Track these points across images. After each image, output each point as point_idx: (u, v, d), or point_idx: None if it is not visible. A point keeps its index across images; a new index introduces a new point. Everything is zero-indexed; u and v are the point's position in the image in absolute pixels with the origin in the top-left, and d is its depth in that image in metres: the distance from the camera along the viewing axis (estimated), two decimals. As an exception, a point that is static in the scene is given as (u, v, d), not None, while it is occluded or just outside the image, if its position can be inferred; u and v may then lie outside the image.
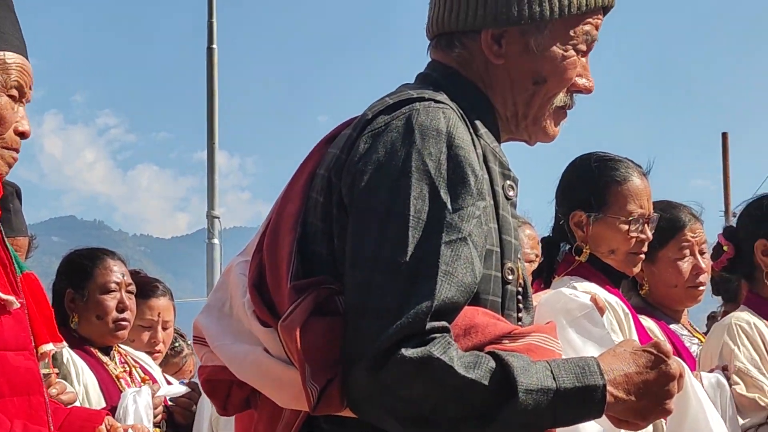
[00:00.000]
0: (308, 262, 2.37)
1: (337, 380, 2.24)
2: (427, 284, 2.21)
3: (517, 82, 2.57)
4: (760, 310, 4.35)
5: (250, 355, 2.36)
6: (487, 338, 2.32)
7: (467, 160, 2.32)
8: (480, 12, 2.51)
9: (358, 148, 2.36)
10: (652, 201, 4.52)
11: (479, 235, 2.32)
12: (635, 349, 2.39)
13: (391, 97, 2.45)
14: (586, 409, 2.29)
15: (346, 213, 2.34)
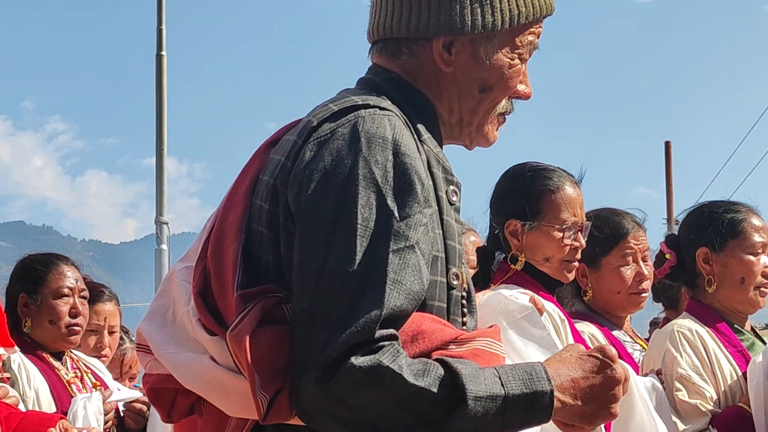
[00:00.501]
0: (254, 269, 2.35)
1: (286, 389, 2.22)
2: (375, 293, 2.19)
3: (464, 90, 2.56)
4: (702, 317, 4.37)
5: (197, 364, 2.34)
6: (434, 344, 2.31)
7: (413, 168, 2.31)
8: (433, 20, 2.50)
9: (304, 155, 2.33)
10: (597, 209, 4.55)
11: (426, 242, 2.31)
12: (581, 354, 2.40)
13: (335, 103, 2.42)
14: (534, 415, 2.28)
15: (293, 221, 2.31)
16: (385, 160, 2.29)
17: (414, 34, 2.53)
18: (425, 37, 2.52)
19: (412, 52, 2.55)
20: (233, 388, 2.27)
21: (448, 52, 2.53)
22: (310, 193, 2.28)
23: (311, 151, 2.33)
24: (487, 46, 2.54)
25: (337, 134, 2.33)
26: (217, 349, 2.30)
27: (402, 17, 2.52)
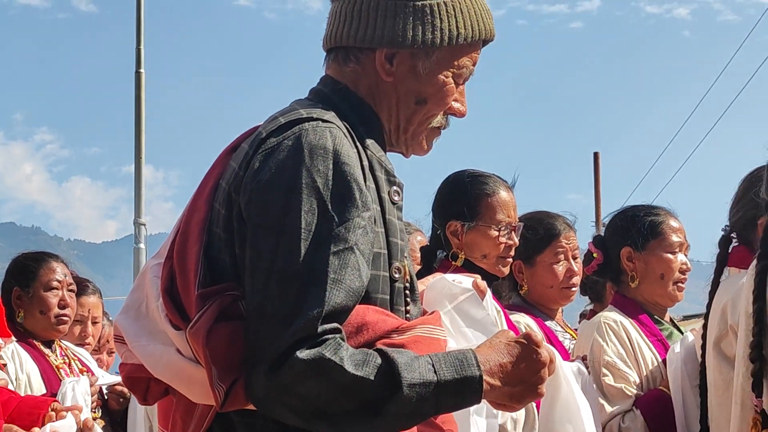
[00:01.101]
0: (214, 269, 2.34)
1: (242, 379, 2.23)
2: (317, 291, 2.20)
3: (402, 100, 2.55)
4: (626, 309, 4.38)
5: (165, 355, 2.34)
6: (377, 334, 2.32)
7: (352, 176, 2.31)
8: (378, 32, 2.48)
9: (254, 166, 2.33)
10: (532, 212, 4.56)
11: (365, 243, 2.31)
12: (509, 339, 2.39)
13: (284, 116, 2.42)
14: (465, 398, 2.30)
15: (245, 226, 2.31)
16: (326, 169, 2.29)
17: (361, 43, 2.51)
18: (370, 47, 2.51)
19: (359, 60, 2.54)
20: (196, 378, 2.28)
21: (390, 63, 2.51)
22: (258, 201, 2.28)
23: (259, 161, 2.33)
24: (426, 62, 2.52)
25: (283, 146, 2.33)
26: (182, 343, 2.30)
27: (352, 27, 2.51)
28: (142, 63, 18.66)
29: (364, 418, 2.21)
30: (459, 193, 4.10)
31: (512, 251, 4.11)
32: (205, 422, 2.35)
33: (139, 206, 18.22)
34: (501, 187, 4.12)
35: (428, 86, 2.54)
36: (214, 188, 2.43)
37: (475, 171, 4.18)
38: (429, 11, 2.49)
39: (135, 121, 18.47)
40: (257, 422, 2.32)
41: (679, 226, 4.46)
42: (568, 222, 4.59)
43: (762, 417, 3.31)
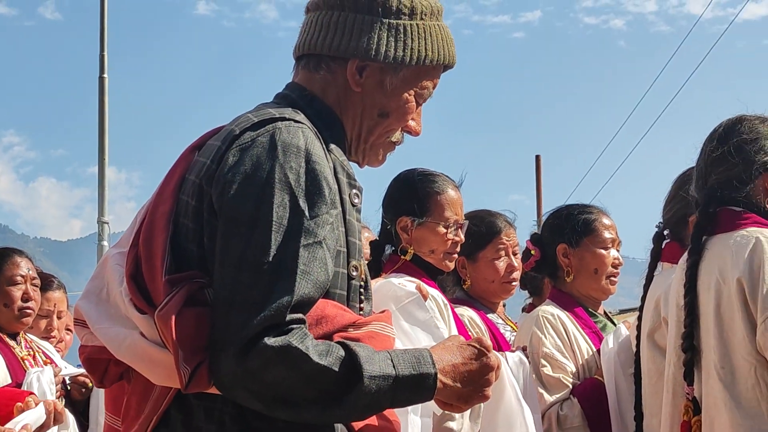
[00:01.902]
0: (180, 257, 2.31)
1: (206, 363, 2.20)
2: (287, 282, 2.19)
3: (367, 110, 2.55)
4: (562, 303, 4.40)
5: (128, 338, 2.31)
6: (335, 327, 2.32)
7: (322, 174, 2.30)
8: (352, 44, 2.49)
9: (228, 160, 2.31)
10: (475, 210, 4.57)
11: (332, 238, 2.31)
12: (462, 343, 2.42)
13: (255, 114, 2.41)
14: (420, 394, 2.31)
15: (216, 217, 2.29)
16: (298, 167, 2.28)
17: (334, 52, 2.51)
18: (343, 57, 2.51)
19: (330, 69, 2.53)
20: (159, 361, 2.25)
21: (360, 75, 2.51)
22: (232, 193, 2.26)
23: (234, 156, 2.31)
24: (393, 77, 2.53)
25: (257, 142, 2.31)
26: (146, 326, 2.28)
27: (327, 37, 2.51)
28: (105, 68, 18.60)
29: (324, 406, 2.20)
30: (410, 190, 4.09)
31: (458, 247, 4.10)
32: (163, 404, 2.33)
33: (102, 206, 18.22)
34: (449, 186, 4.11)
35: (392, 101, 2.55)
36: (179, 181, 2.40)
37: (425, 170, 4.18)
38: (402, 30, 2.52)
39: (99, 124, 18.38)
40: (216, 406, 2.30)
41: (611, 224, 4.49)
42: (508, 220, 4.60)
43: (693, 404, 3.34)
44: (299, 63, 2.61)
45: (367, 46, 2.49)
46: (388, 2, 2.52)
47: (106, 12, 18.95)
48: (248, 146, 2.32)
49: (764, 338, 3.15)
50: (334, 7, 2.53)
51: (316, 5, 2.58)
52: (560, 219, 4.51)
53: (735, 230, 3.35)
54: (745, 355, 3.19)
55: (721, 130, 3.53)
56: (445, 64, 2.63)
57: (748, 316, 3.21)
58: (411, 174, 4.16)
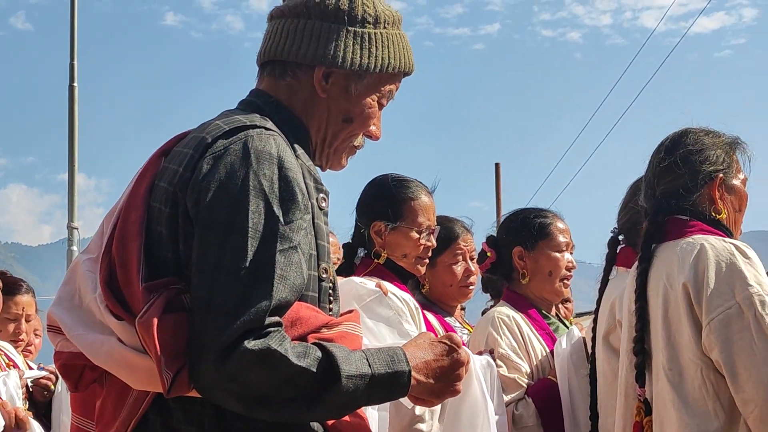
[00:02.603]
0: (154, 263, 2.31)
1: (186, 368, 2.20)
2: (265, 286, 2.20)
3: (332, 116, 2.57)
4: (517, 304, 4.40)
5: (105, 344, 2.31)
6: (309, 328, 2.33)
7: (295, 180, 2.32)
8: (319, 51, 2.51)
9: (202, 168, 2.31)
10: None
11: (306, 243, 2.34)
12: (432, 340, 2.45)
13: (224, 122, 2.41)
14: (395, 391, 2.34)
15: (191, 224, 2.29)
16: (271, 174, 2.29)
17: (301, 59, 2.53)
18: (310, 64, 2.53)
19: (296, 75, 2.55)
20: (139, 365, 2.25)
21: (326, 81, 2.54)
22: (207, 201, 2.26)
23: (208, 164, 2.31)
24: (358, 84, 2.56)
25: (230, 150, 2.31)
26: (124, 332, 2.28)
27: (293, 44, 2.53)
28: (75, 77, 18.55)
29: (303, 405, 2.22)
30: (385, 195, 4.09)
31: (429, 252, 4.13)
32: (141, 408, 2.34)
33: (72, 211, 18.18)
34: (423, 192, 4.13)
35: (357, 107, 2.58)
36: (149, 188, 2.41)
37: (399, 176, 4.19)
38: (367, 38, 2.55)
39: (68, 132, 18.33)
40: (195, 408, 2.31)
41: (565, 228, 4.50)
42: (465, 226, 4.62)
43: (645, 405, 3.38)
44: (264, 70, 2.63)
45: (333, 54, 2.51)
46: (354, 11, 2.55)
47: (76, 22, 18.93)
48: (222, 154, 2.32)
49: (709, 340, 3.20)
50: (300, 15, 2.55)
51: (281, 13, 2.60)
52: (516, 222, 4.52)
53: (682, 238, 3.40)
54: (691, 356, 3.25)
55: (668, 142, 3.58)
56: (405, 72, 2.66)
57: (693, 318, 3.26)
58: (386, 179, 4.17)
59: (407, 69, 2.64)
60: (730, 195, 3.51)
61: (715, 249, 3.28)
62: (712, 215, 3.46)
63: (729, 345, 3.15)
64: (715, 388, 3.21)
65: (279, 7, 2.60)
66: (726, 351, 3.15)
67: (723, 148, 3.53)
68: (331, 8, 2.53)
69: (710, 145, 3.52)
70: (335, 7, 2.53)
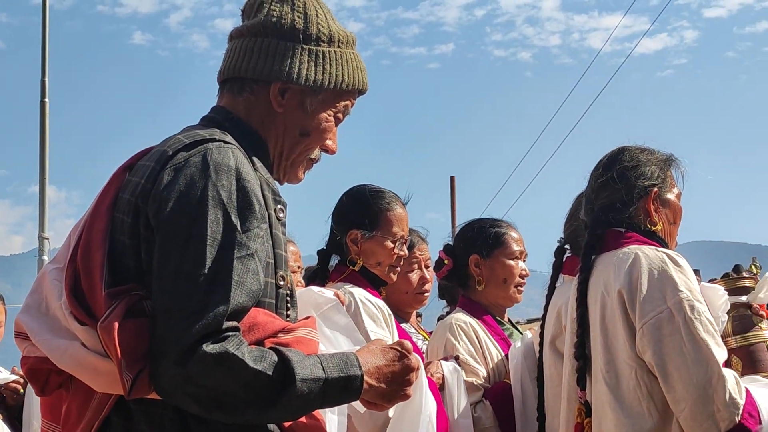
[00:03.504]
0: (117, 271, 2.32)
1: (147, 370, 2.21)
2: (223, 292, 2.21)
3: (288, 130, 2.58)
4: (473, 311, 4.41)
5: (70, 349, 2.31)
6: (266, 333, 2.34)
7: (252, 191, 2.33)
8: (275, 68, 2.52)
9: (162, 179, 2.32)
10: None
11: (263, 251, 2.35)
12: (384, 346, 2.47)
13: (185, 136, 2.43)
14: (348, 394, 2.35)
15: (153, 233, 2.30)
16: (229, 185, 2.30)
17: (258, 76, 2.54)
18: (266, 80, 2.54)
19: (254, 91, 2.56)
20: (101, 369, 2.27)
21: (282, 96, 2.55)
22: (168, 211, 2.27)
23: (168, 175, 2.32)
24: (313, 99, 2.57)
25: (190, 162, 2.33)
26: (87, 337, 2.29)
27: (251, 61, 2.54)
28: (46, 93, 18.41)
29: (260, 408, 2.23)
30: (362, 205, 4.10)
31: (402, 261, 4.15)
32: (104, 411, 2.34)
33: (43, 223, 18.04)
34: (398, 204, 4.15)
35: (312, 121, 2.59)
36: (113, 200, 2.42)
37: (376, 187, 4.20)
38: (321, 56, 2.56)
39: (39, 146, 18.19)
40: (156, 411, 2.31)
41: (519, 237, 4.53)
42: (421, 235, 4.64)
43: (585, 407, 3.43)
44: (224, 87, 2.64)
45: (289, 70, 2.53)
46: (309, 30, 2.57)
47: (48, 40, 18.79)
48: (182, 166, 2.33)
49: (642, 343, 3.25)
50: (257, 34, 2.57)
51: (240, 33, 2.61)
52: (473, 231, 4.54)
53: (619, 248, 3.46)
54: (626, 359, 3.30)
55: (606, 159, 3.64)
56: (359, 90, 2.67)
57: (628, 323, 3.31)
58: (363, 190, 4.19)
59: (361, 86, 2.66)
60: (664, 208, 3.56)
61: (648, 258, 3.33)
62: (647, 227, 3.52)
63: (661, 347, 3.22)
64: (649, 389, 3.26)
65: (238, 27, 2.62)
66: (658, 353, 3.22)
67: (658, 164, 3.59)
68: (287, 27, 2.54)
69: (645, 161, 3.57)
70: (291, 26, 2.55)
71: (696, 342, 3.18)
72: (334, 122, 2.63)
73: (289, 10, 2.55)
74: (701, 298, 3.29)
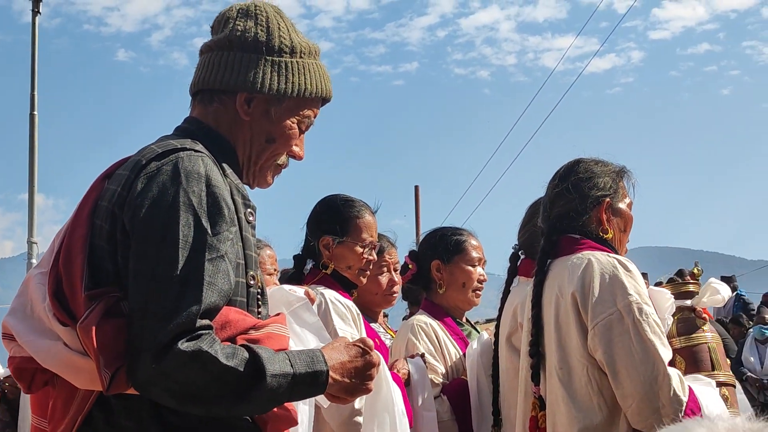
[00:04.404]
0: (96, 274, 2.31)
1: (124, 367, 2.21)
2: (195, 292, 2.21)
3: (255, 137, 2.57)
4: (434, 313, 4.42)
5: (53, 349, 2.30)
6: (238, 330, 2.34)
7: (222, 197, 2.32)
8: (240, 79, 2.51)
9: (137, 187, 2.31)
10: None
11: (233, 252, 2.33)
12: (347, 343, 2.48)
13: (158, 146, 2.42)
14: (314, 388, 2.36)
15: (129, 237, 2.29)
16: (200, 191, 2.29)
17: (225, 87, 2.53)
18: (233, 90, 2.53)
19: (222, 101, 2.56)
20: (82, 367, 2.26)
21: (248, 105, 2.54)
22: (142, 216, 2.26)
23: (142, 183, 2.31)
24: (277, 108, 2.56)
25: (162, 170, 2.32)
26: (69, 337, 2.28)
27: (218, 74, 2.54)
28: (35, 106, 18.32)
29: (231, 401, 2.23)
30: (334, 213, 4.11)
31: (371, 265, 4.16)
32: (86, 406, 2.33)
33: (31, 228, 18.01)
34: (367, 212, 4.16)
35: (277, 128, 2.58)
36: (93, 207, 2.41)
37: (347, 196, 4.21)
38: (284, 67, 2.55)
39: (29, 156, 18.11)
40: (134, 405, 2.31)
41: (478, 244, 4.55)
42: (390, 240, 4.64)
43: (539, 401, 3.44)
44: (195, 99, 2.63)
45: (253, 80, 2.52)
46: (271, 42, 2.56)
47: (37, 57, 18.71)
48: (154, 174, 2.32)
49: (594, 342, 3.28)
50: (224, 48, 2.56)
51: (209, 47, 2.61)
52: (435, 239, 4.55)
53: (573, 254, 3.48)
54: (578, 357, 3.32)
55: (562, 170, 3.66)
56: (323, 98, 2.67)
57: (580, 323, 3.33)
58: (335, 199, 4.20)
59: (324, 94, 2.64)
60: (616, 217, 3.58)
61: (600, 263, 3.35)
62: (599, 235, 3.54)
63: (611, 347, 3.24)
64: (599, 385, 3.29)
65: (207, 42, 2.62)
66: (608, 352, 3.24)
67: (610, 175, 3.60)
68: (251, 40, 2.54)
69: (599, 173, 3.59)
70: (254, 39, 2.54)
71: (643, 342, 3.21)
72: (298, 129, 2.61)
73: (253, 25, 2.56)
74: (649, 301, 3.32)
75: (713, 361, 3.77)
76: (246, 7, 2.60)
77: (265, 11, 2.59)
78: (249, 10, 2.59)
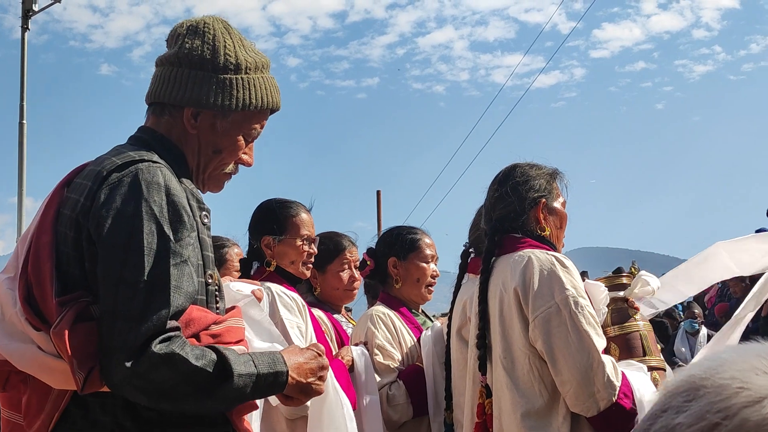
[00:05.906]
0: (65, 279, 2.28)
1: (97, 368, 2.19)
2: (163, 296, 2.19)
3: (203, 148, 2.53)
4: (390, 304, 4.41)
5: (27, 351, 2.27)
6: (201, 327, 2.33)
7: (181, 204, 2.29)
8: (187, 94, 2.47)
9: (100, 198, 2.27)
10: (325, 232, 4.57)
11: (194, 256, 2.31)
12: (301, 348, 2.51)
13: (117, 157, 2.37)
14: (275, 387, 2.37)
15: (94, 245, 2.25)
16: (160, 200, 2.26)
17: (174, 101, 2.49)
18: (180, 105, 2.49)
19: (172, 114, 2.52)
20: (56, 369, 2.24)
21: (195, 119, 2.50)
22: (107, 226, 2.23)
23: (105, 194, 2.27)
24: (223, 121, 2.52)
25: (123, 182, 2.28)
26: (42, 341, 2.25)
27: (168, 89, 2.49)
28: (24, 115, 18.14)
29: (200, 399, 2.22)
30: (270, 215, 4.11)
31: (312, 258, 4.14)
32: (62, 403, 2.31)
33: (20, 230, 17.83)
34: (302, 210, 4.16)
35: (224, 140, 2.53)
36: (55, 215, 2.37)
37: (281, 198, 4.22)
38: (228, 84, 2.49)
39: (18, 162, 17.92)
40: (109, 401, 2.29)
41: (431, 243, 4.54)
42: (351, 239, 4.64)
43: (486, 390, 3.44)
44: (150, 109, 2.58)
45: (198, 96, 2.48)
46: (217, 60, 2.50)
47: (26, 70, 18.51)
48: (116, 185, 2.28)
49: (534, 333, 3.28)
50: (174, 64, 2.51)
51: (161, 61, 2.55)
52: (392, 237, 4.54)
53: (515, 252, 3.47)
54: (521, 347, 3.32)
55: (500, 175, 3.65)
56: (271, 109, 2.61)
57: (522, 316, 3.33)
58: (271, 202, 4.20)
59: (271, 106, 2.58)
60: (551, 216, 3.59)
61: (540, 260, 3.35)
62: (538, 233, 3.54)
63: (549, 337, 3.24)
64: (540, 373, 3.28)
65: (161, 56, 2.57)
66: (547, 342, 3.24)
67: (544, 177, 3.61)
68: (197, 58, 2.48)
69: (534, 176, 3.59)
70: (200, 56, 2.48)
71: (579, 333, 3.21)
72: (244, 141, 2.56)
73: (200, 43, 2.50)
74: (585, 295, 3.34)
75: (644, 348, 3.79)
76: (195, 24, 2.55)
77: (213, 29, 2.54)
78: (198, 28, 2.54)
